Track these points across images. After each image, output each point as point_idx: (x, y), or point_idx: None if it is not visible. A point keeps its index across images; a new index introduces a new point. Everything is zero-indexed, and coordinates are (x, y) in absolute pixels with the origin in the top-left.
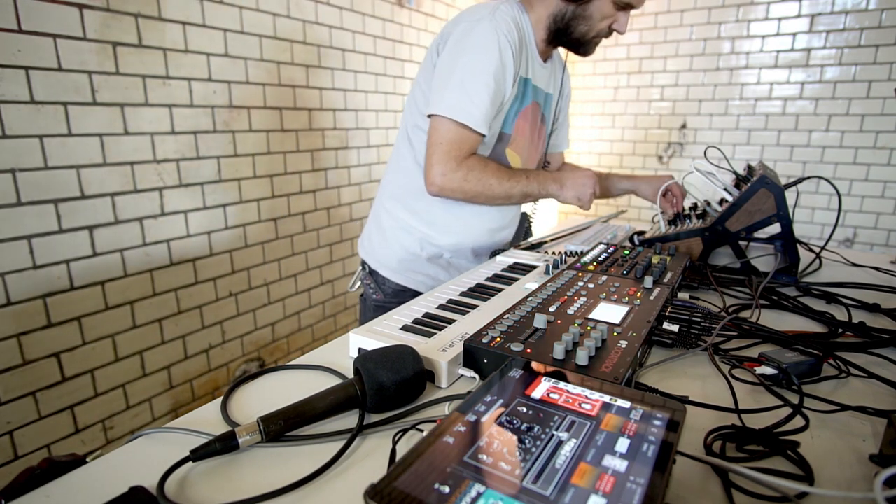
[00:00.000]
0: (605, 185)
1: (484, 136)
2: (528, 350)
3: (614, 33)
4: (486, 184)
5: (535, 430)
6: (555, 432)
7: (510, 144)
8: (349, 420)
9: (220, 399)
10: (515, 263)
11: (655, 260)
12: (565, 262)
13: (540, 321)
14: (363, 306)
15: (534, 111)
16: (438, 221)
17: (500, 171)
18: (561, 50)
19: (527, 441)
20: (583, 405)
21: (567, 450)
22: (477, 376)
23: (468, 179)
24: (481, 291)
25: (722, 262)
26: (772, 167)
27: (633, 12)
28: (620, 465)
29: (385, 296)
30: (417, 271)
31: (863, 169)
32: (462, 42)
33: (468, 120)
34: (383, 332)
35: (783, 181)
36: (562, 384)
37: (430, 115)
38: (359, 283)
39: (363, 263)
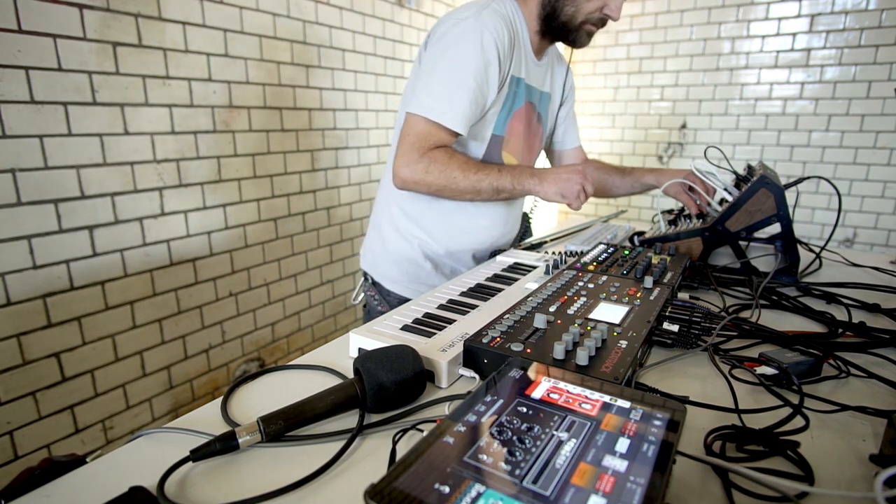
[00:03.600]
0: (629, 181)
1: (459, 134)
2: (528, 350)
3: (609, 22)
4: (449, 176)
5: (535, 430)
6: (555, 432)
7: (505, 147)
8: (349, 420)
9: (220, 399)
10: (515, 263)
11: (655, 260)
12: (565, 262)
13: (540, 321)
14: (368, 318)
15: (528, 112)
16: (434, 226)
17: (468, 163)
18: (563, 49)
19: (527, 441)
20: (583, 405)
21: (567, 450)
22: (477, 376)
23: (430, 171)
24: (481, 291)
25: (722, 262)
26: (772, 167)
27: (633, 12)
28: (620, 465)
29: (391, 307)
30: (423, 282)
31: (863, 169)
32: (445, 40)
33: (441, 118)
34: (383, 332)
35: (783, 181)
36: (562, 384)
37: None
38: (363, 296)
39: (365, 275)
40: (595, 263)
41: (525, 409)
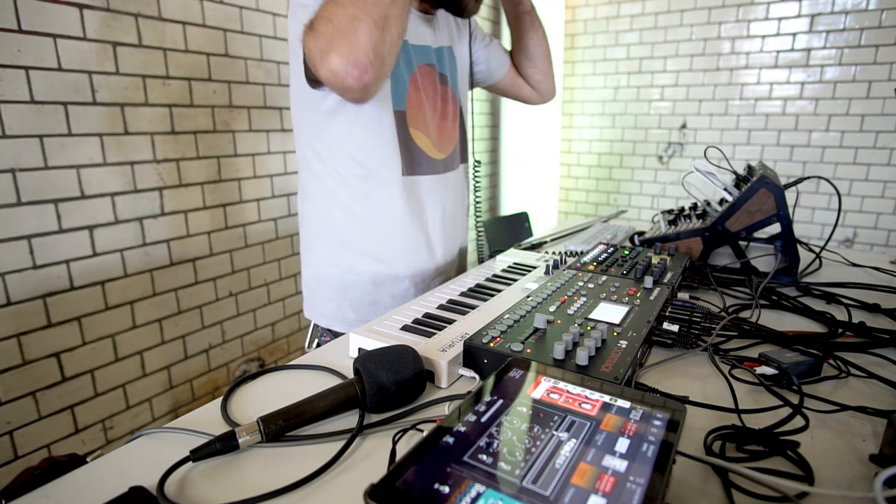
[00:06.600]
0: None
1: None
2: (528, 350)
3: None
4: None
5: (535, 430)
6: (555, 432)
7: (412, 123)
8: (349, 420)
9: (220, 399)
10: (515, 263)
11: (655, 260)
12: (565, 262)
13: (540, 321)
14: None
15: (427, 75)
16: (367, 244)
17: None
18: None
19: (527, 441)
20: (583, 405)
21: (567, 450)
22: (477, 376)
23: (332, 18)
24: (481, 291)
25: (722, 262)
26: (772, 167)
27: (633, 12)
28: (620, 465)
29: None
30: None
31: (863, 169)
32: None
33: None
34: (383, 332)
35: (783, 181)
36: (561, 384)
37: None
38: (316, 342)
39: (315, 325)
40: (595, 263)
41: (525, 409)
